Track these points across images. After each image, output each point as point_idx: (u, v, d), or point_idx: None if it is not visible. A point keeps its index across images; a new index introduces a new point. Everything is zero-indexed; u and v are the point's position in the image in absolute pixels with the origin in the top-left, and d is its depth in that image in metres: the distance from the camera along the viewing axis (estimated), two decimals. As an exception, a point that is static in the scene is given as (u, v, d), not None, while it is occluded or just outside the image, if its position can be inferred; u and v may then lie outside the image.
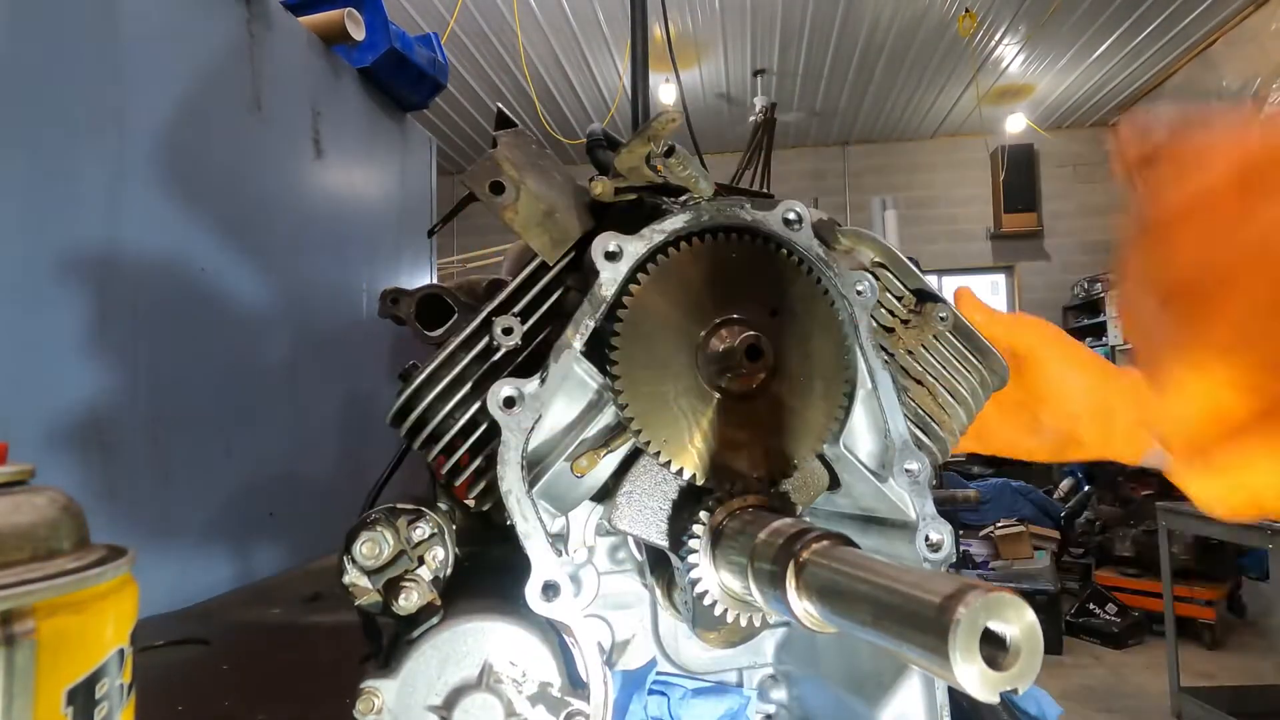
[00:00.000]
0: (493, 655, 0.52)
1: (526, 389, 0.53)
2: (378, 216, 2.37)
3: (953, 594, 0.33)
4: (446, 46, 2.61)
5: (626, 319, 0.54)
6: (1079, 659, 4.95)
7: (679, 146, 0.57)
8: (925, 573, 0.37)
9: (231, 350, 1.65)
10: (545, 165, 0.60)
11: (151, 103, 1.43)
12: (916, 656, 0.34)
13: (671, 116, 0.56)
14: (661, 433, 0.55)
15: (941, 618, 0.32)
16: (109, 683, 0.37)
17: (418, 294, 0.67)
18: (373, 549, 0.54)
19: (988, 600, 0.32)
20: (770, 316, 0.57)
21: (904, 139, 9.08)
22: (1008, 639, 0.32)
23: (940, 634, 0.32)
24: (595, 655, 0.52)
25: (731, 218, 0.58)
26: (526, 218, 0.57)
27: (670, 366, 0.55)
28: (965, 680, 0.31)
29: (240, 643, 1.27)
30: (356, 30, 2.07)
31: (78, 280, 1.26)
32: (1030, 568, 5.43)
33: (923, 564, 0.57)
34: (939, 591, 0.34)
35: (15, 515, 0.36)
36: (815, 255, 0.60)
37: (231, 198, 1.67)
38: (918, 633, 0.34)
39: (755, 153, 6.53)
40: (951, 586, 0.33)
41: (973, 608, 0.31)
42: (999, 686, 0.32)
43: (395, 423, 0.59)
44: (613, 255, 0.55)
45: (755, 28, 6.52)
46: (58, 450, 1.22)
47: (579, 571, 0.59)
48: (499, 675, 0.51)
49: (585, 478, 0.57)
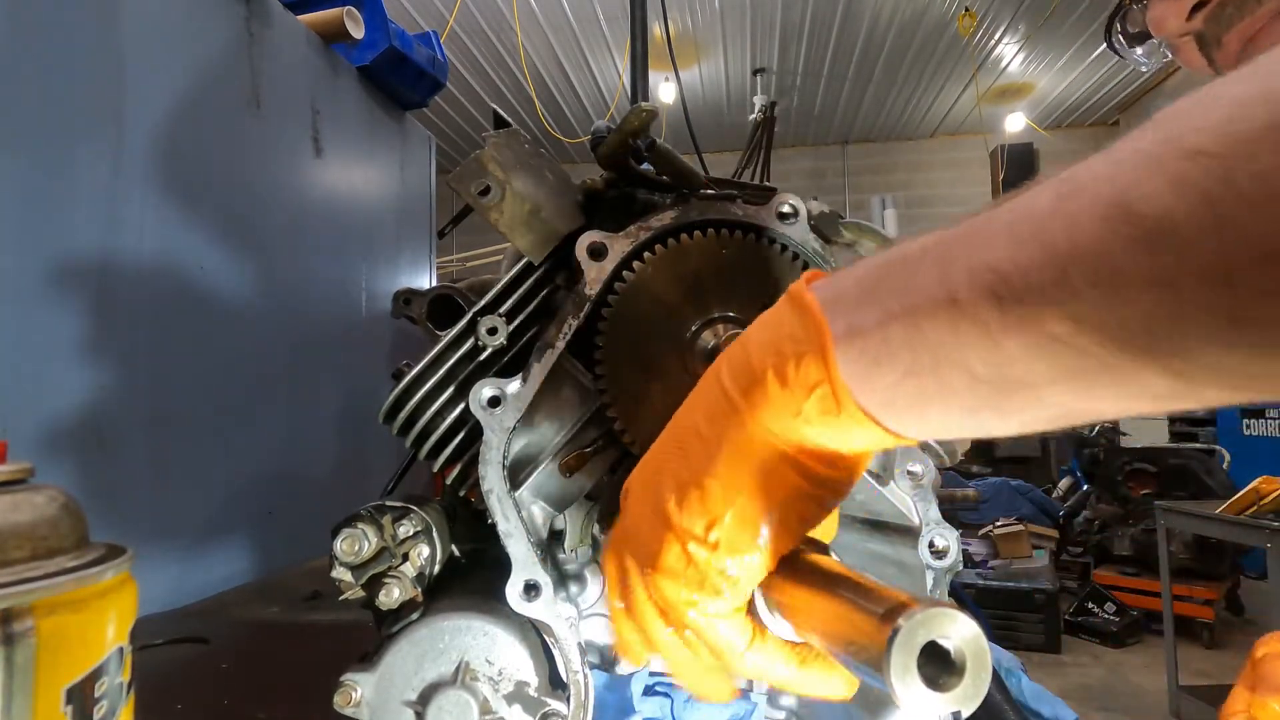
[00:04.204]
0: (470, 653, 0.52)
1: (509, 388, 0.53)
2: (377, 215, 2.37)
3: (894, 608, 0.32)
4: (446, 45, 2.61)
5: (611, 318, 0.54)
6: (1078, 658, 4.95)
7: (661, 141, 0.57)
8: (876, 586, 0.36)
9: (230, 349, 1.65)
10: (536, 164, 0.60)
11: (150, 101, 1.43)
12: (862, 674, 0.33)
13: (646, 110, 0.56)
14: (647, 434, 0.55)
15: (880, 632, 0.31)
16: (108, 681, 0.37)
17: (429, 294, 0.68)
18: (352, 546, 0.54)
19: (928, 614, 0.31)
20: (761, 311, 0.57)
21: (903, 138, 9.08)
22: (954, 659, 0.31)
23: (879, 648, 0.31)
24: (576, 656, 0.52)
25: (722, 212, 0.58)
26: (512, 218, 0.57)
27: (657, 366, 0.55)
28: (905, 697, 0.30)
29: (239, 641, 1.27)
30: (356, 28, 2.06)
31: (76, 279, 1.26)
32: (1029, 567, 5.43)
33: (926, 571, 0.56)
34: (882, 604, 0.33)
35: (14, 514, 0.36)
36: (811, 250, 0.59)
37: (230, 196, 1.67)
38: (861, 647, 0.33)
39: (755, 151, 6.53)
40: (895, 600, 0.32)
41: (912, 621, 0.30)
42: (943, 707, 0.30)
43: (386, 420, 0.59)
44: (596, 253, 0.55)
45: (755, 27, 6.52)
46: (56, 449, 1.22)
47: (582, 570, 0.59)
48: (475, 673, 0.52)
49: (577, 477, 0.57)
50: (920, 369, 0.37)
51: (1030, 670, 1.11)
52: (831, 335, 0.40)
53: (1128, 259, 0.30)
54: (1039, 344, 0.33)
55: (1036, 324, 0.33)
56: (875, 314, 0.39)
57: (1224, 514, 3.56)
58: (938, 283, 0.36)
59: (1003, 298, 0.33)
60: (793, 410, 0.41)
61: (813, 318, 0.41)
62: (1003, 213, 0.36)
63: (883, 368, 0.38)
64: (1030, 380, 0.34)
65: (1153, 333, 0.30)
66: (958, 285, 0.35)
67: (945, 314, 0.36)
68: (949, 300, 0.36)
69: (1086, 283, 0.31)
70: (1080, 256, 0.31)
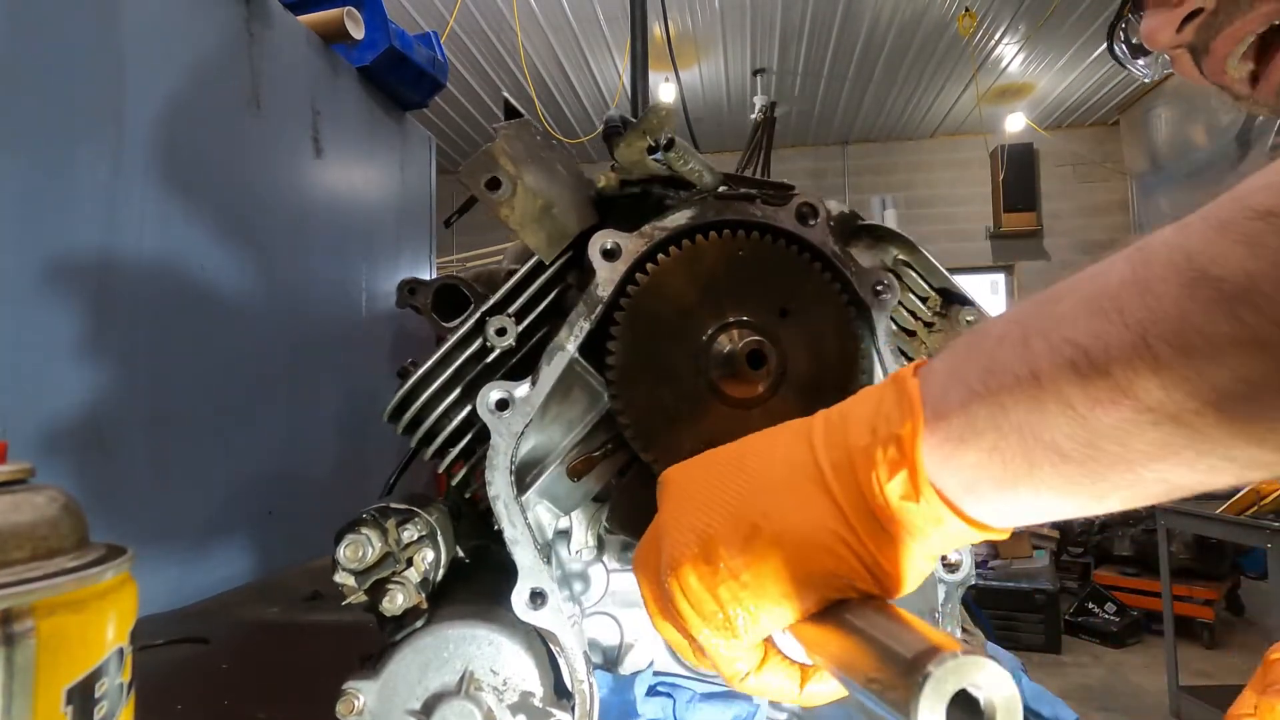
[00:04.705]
0: (474, 662, 0.51)
1: (517, 392, 0.51)
2: (377, 215, 2.37)
3: (924, 651, 0.31)
4: (446, 45, 2.61)
5: (624, 321, 0.53)
6: (1078, 658, 4.95)
7: (679, 139, 0.56)
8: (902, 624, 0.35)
9: (230, 349, 1.64)
10: (548, 158, 0.58)
11: (150, 101, 1.43)
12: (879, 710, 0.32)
13: (665, 108, 0.55)
14: (657, 441, 0.54)
15: (909, 676, 0.30)
16: (108, 681, 0.37)
17: (434, 284, 0.66)
18: (355, 551, 0.54)
19: (961, 662, 0.29)
20: (779, 317, 0.55)
21: (904, 138, 9.07)
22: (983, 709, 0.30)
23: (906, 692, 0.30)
24: (581, 665, 0.51)
25: (739, 213, 0.56)
26: (523, 214, 0.55)
27: (669, 371, 0.53)
28: None
29: (240, 641, 1.27)
30: (356, 29, 2.06)
31: (76, 279, 1.26)
32: (1029, 567, 5.43)
33: (938, 585, 0.55)
34: (910, 646, 0.32)
35: (15, 514, 0.36)
36: (830, 252, 0.57)
37: (230, 196, 1.67)
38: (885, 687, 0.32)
39: (755, 151, 6.53)
40: (925, 643, 0.31)
41: (944, 668, 0.29)
42: None
43: (391, 419, 0.59)
44: (610, 253, 0.54)
45: (755, 27, 6.51)
46: (56, 449, 1.22)
47: (587, 569, 0.59)
48: (480, 683, 0.51)
49: (585, 480, 0.57)
50: (1006, 446, 0.37)
51: (1030, 670, 1.11)
52: (923, 418, 0.40)
53: (1207, 321, 0.29)
54: (1130, 417, 0.32)
55: (1124, 395, 0.32)
56: (959, 394, 0.38)
57: (1224, 514, 3.56)
58: (1019, 359, 0.36)
59: (1084, 371, 0.33)
60: (870, 489, 0.40)
61: (909, 399, 0.41)
62: (1079, 285, 0.36)
63: (967, 446, 0.38)
64: (1126, 456, 0.34)
65: (1249, 397, 0.29)
66: (1038, 361, 0.35)
67: (1026, 390, 0.35)
68: (1031, 376, 0.35)
69: (1169, 347, 0.30)
70: (1158, 321, 0.31)
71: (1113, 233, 8.30)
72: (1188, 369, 0.30)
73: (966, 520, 0.39)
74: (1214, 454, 0.32)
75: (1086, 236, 8.60)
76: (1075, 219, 8.63)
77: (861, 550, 0.41)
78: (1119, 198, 8.39)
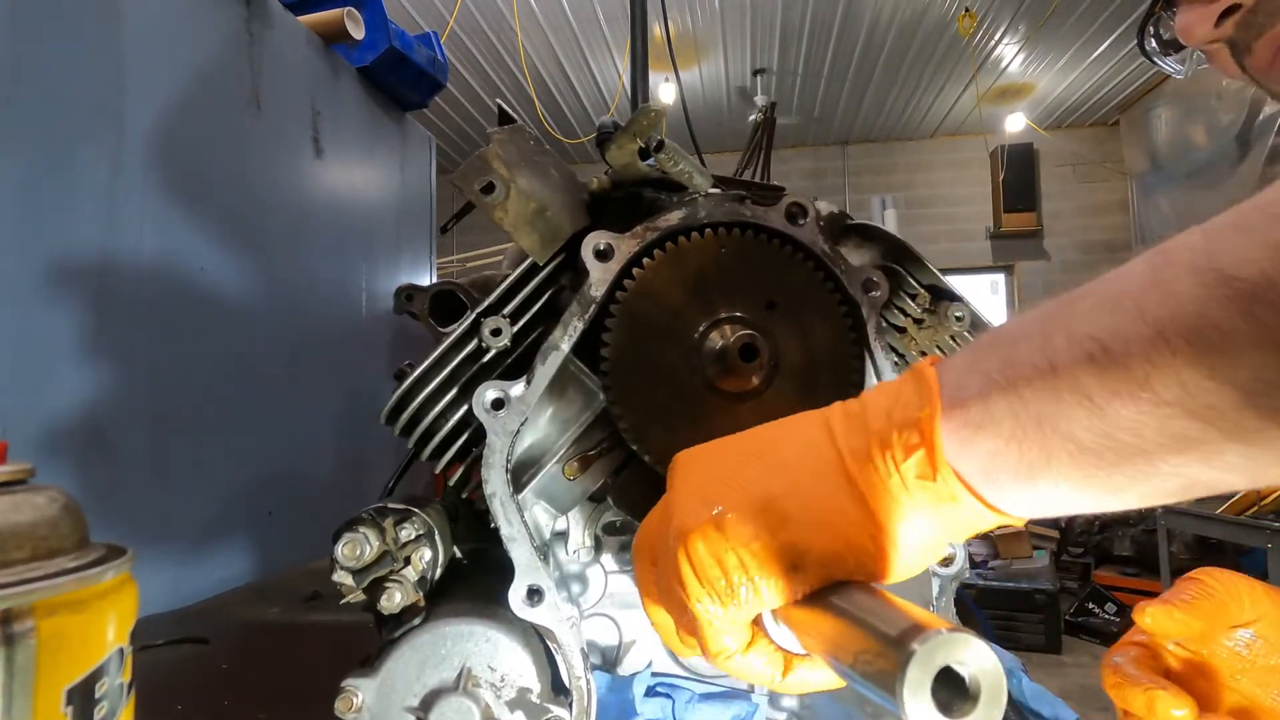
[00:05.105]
0: (472, 659, 0.52)
1: (513, 391, 0.52)
2: (377, 215, 2.37)
3: (909, 629, 0.31)
4: (446, 45, 2.61)
5: (617, 320, 0.53)
6: (1078, 658, 4.95)
7: (669, 141, 0.56)
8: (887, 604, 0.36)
9: (230, 349, 1.65)
10: (541, 161, 0.59)
11: (150, 101, 1.43)
12: (866, 690, 0.33)
13: (654, 110, 0.55)
14: (653, 437, 0.54)
15: (894, 653, 0.31)
16: (108, 682, 0.37)
17: (431, 290, 0.67)
18: (353, 550, 0.54)
19: (946, 638, 0.30)
20: (767, 310, 0.56)
21: (904, 138, 9.07)
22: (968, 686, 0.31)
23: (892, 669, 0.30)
24: (579, 661, 0.52)
25: (730, 213, 0.57)
26: (516, 217, 0.56)
27: (664, 368, 0.54)
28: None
29: (240, 642, 1.27)
30: (356, 29, 2.06)
31: (76, 279, 1.26)
32: (1029, 567, 5.43)
33: (932, 579, 0.56)
34: (895, 624, 0.32)
35: (15, 514, 0.36)
36: (820, 251, 0.58)
37: (231, 197, 1.67)
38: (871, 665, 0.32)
39: (755, 152, 6.53)
40: (909, 621, 0.32)
41: (930, 644, 0.30)
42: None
43: (389, 421, 0.59)
44: (603, 254, 0.54)
45: (755, 28, 6.51)
46: (56, 449, 1.22)
47: (585, 570, 0.59)
48: (477, 679, 0.51)
49: (581, 479, 0.57)
50: (1024, 435, 0.37)
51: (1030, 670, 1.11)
52: (940, 404, 0.41)
53: (1225, 318, 0.30)
54: (1148, 410, 0.33)
55: (1141, 388, 0.33)
56: (977, 383, 0.39)
57: (1224, 514, 3.56)
58: (1038, 351, 0.37)
59: (1102, 363, 0.34)
60: (886, 471, 0.41)
61: (928, 387, 0.42)
62: (1099, 287, 0.37)
63: (984, 433, 0.39)
64: (1143, 449, 0.34)
65: (1266, 395, 0.30)
66: (1057, 353, 0.36)
67: (1045, 381, 0.36)
68: (1049, 368, 0.36)
69: (1186, 343, 0.31)
70: (1177, 318, 0.31)
71: (1113, 233, 8.30)
72: (1205, 365, 0.31)
73: (982, 502, 0.40)
74: (1230, 451, 0.33)
75: (1087, 237, 8.60)
76: (1075, 219, 8.63)
77: (874, 531, 0.42)
78: (1119, 198, 8.39)
